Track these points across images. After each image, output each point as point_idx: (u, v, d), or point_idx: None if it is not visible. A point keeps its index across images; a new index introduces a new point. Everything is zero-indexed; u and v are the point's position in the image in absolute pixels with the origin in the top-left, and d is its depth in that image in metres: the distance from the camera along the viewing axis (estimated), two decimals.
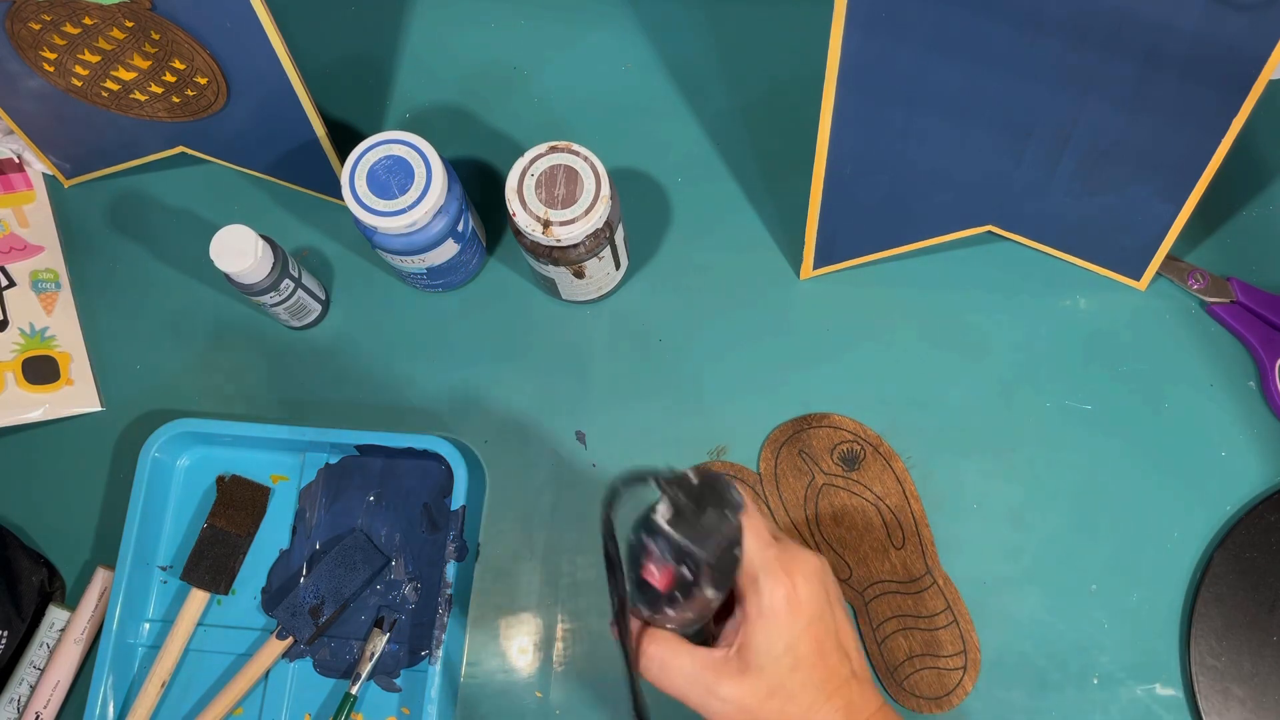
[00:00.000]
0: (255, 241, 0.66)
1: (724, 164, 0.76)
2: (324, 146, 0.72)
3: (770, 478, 0.69)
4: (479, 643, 0.68)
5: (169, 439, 0.70)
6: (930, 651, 0.65)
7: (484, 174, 0.77)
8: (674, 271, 0.74)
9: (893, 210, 0.68)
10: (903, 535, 0.67)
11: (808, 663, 0.46)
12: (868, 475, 0.68)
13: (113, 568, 0.68)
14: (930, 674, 0.65)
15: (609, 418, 0.71)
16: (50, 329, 0.76)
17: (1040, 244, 0.71)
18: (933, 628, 0.65)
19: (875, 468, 0.68)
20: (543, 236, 0.63)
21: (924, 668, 0.65)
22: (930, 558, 0.67)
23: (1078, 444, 0.69)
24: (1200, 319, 0.70)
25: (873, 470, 0.68)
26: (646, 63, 0.79)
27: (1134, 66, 0.56)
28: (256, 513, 0.70)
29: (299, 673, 0.68)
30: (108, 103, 0.71)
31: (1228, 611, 0.64)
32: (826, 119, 0.60)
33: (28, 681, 0.69)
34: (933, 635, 0.65)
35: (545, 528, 0.70)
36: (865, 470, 0.68)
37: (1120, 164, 0.62)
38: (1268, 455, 0.68)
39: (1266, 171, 0.73)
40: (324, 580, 0.68)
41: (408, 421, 0.72)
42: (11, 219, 0.78)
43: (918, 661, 0.65)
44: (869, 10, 0.54)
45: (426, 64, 0.80)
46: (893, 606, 0.66)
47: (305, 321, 0.74)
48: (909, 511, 0.67)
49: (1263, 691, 0.63)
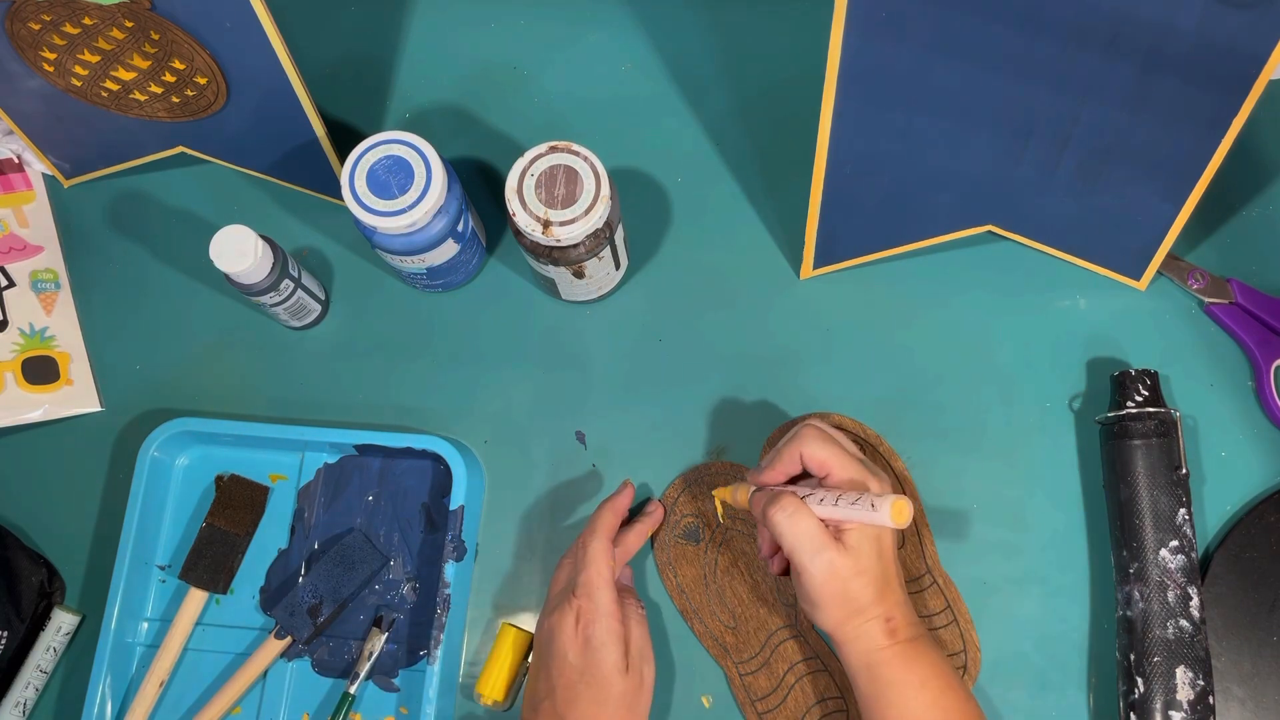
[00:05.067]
0: (255, 241, 0.66)
1: (724, 164, 0.76)
2: (324, 146, 0.72)
3: None
4: (477, 643, 0.68)
5: (168, 438, 0.70)
6: None
7: (484, 174, 0.77)
8: (674, 271, 0.74)
9: (893, 210, 0.68)
10: (902, 535, 0.67)
11: (881, 564, 0.56)
12: None
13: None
14: None
15: (609, 418, 0.71)
16: (50, 329, 0.76)
17: (1040, 244, 0.71)
18: (933, 627, 0.65)
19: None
20: (543, 236, 0.63)
21: None
22: (930, 558, 0.66)
23: (1078, 444, 0.68)
24: (1200, 319, 0.70)
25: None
26: (646, 63, 0.79)
27: (1134, 66, 0.56)
28: (255, 512, 0.70)
29: (297, 672, 0.68)
30: (108, 103, 0.71)
31: (1228, 611, 0.64)
32: (826, 119, 0.60)
33: (34, 685, 0.69)
34: (933, 635, 0.65)
35: (545, 528, 0.70)
36: None
37: (1120, 164, 0.62)
38: (1267, 455, 0.68)
39: (1266, 171, 0.73)
40: (322, 580, 0.68)
41: (407, 421, 0.72)
42: (11, 219, 0.78)
43: None
44: (869, 11, 0.54)
45: (426, 64, 0.80)
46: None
47: (305, 321, 0.74)
48: None
49: (1262, 691, 0.63)
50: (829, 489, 0.57)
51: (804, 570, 0.55)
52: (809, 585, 0.55)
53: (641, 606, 0.64)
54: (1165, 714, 0.60)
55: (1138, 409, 0.64)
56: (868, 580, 0.55)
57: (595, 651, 0.58)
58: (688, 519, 0.68)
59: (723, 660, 0.66)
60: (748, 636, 0.66)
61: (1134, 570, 0.63)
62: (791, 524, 0.55)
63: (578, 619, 0.59)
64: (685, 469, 0.70)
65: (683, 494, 0.69)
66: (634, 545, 0.66)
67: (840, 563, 0.55)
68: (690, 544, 0.68)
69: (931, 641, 0.57)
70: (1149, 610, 0.62)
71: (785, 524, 0.55)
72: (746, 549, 0.67)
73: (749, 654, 0.66)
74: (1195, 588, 0.62)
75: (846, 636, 0.56)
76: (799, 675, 0.65)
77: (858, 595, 0.55)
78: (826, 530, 0.55)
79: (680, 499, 0.69)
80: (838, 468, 0.57)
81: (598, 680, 0.58)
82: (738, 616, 0.66)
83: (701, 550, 0.68)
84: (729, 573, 0.67)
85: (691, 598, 0.67)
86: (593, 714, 0.58)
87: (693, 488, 0.69)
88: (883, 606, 0.56)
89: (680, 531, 0.68)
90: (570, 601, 0.59)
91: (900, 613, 0.56)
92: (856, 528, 0.55)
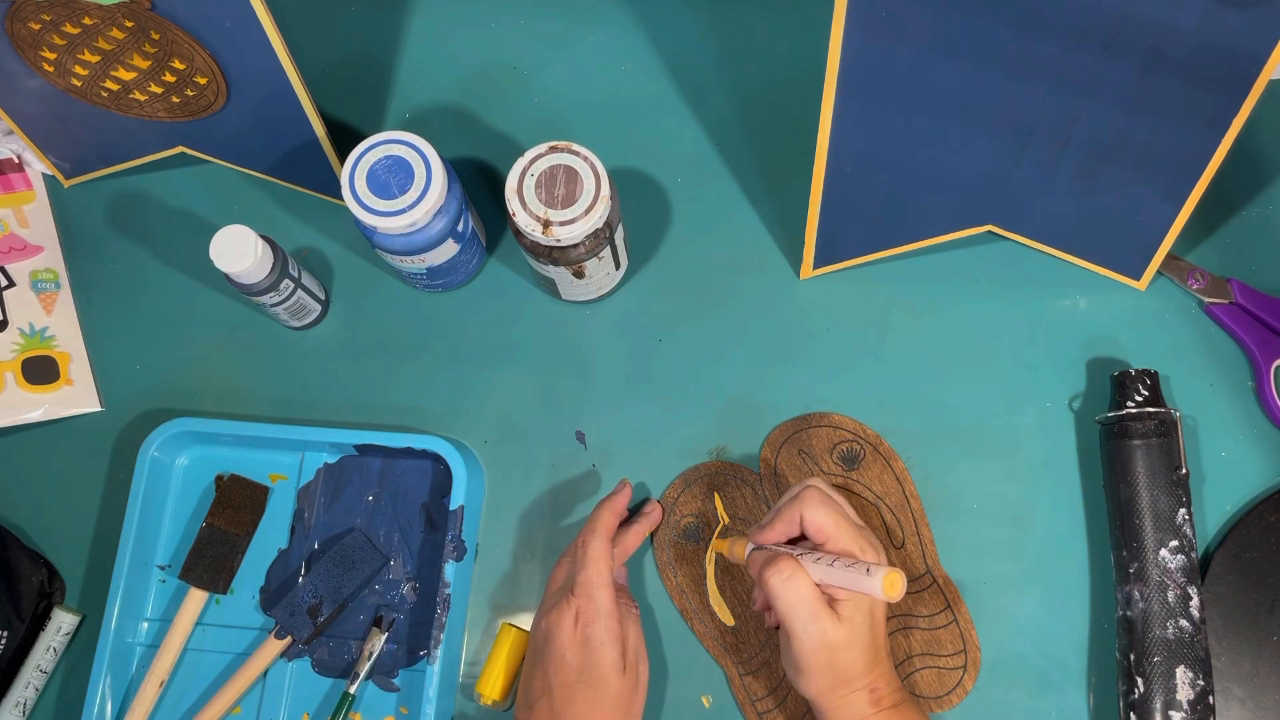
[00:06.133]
0: (255, 241, 0.66)
1: (724, 164, 0.76)
2: (324, 146, 0.72)
3: (770, 477, 0.69)
4: (477, 643, 0.68)
5: (168, 438, 0.70)
6: (930, 651, 0.65)
7: (484, 174, 0.77)
8: (674, 271, 0.74)
9: (893, 210, 0.68)
10: (903, 535, 0.67)
11: (872, 635, 0.56)
12: (868, 475, 0.68)
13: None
14: (930, 673, 0.65)
15: (609, 418, 0.71)
16: (50, 329, 0.76)
17: (1040, 244, 0.71)
18: (933, 627, 0.65)
19: (875, 467, 0.68)
20: (543, 236, 0.63)
21: (924, 667, 0.65)
22: (930, 557, 0.66)
23: (1077, 444, 0.68)
24: (1200, 319, 0.70)
25: (873, 470, 0.68)
26: (646, 63, 0.79)
27: (1134, 66, 0.56)
28: (255, 512, 0.70)
29: (297, 672, 0.68)
30: (108, 103, 0.71)
31: (1228, 611, 0.64)
32: (826, 119, 0.60)
33: (34, 685, 0.69)
34: (933, 635, 0.65)
35: (544, 528, 0.70)
36: (865, 470, 0.68)
37: (1120, 164, 0.62)
38: (1267, 455, 0.68)
39: (1266, 171, 0.73)
40: (322, 580, 0.68)
41: (407, 421, 0.72)
42: (11, 219, 0.78)
43: (918, 661, 0.65)
44: (869, 11, 0.54)
45: (426, 64, 0.80)
46: (893, 606, 0.66)
47: (305, 321, 0.74)
48: (909, 511, 0.67)
49: (1262, 691, 0.63)
50: (826, 553, 0.56)
51: (795, 636, 0.55)
52: (798, 652, 0.55)
53: (636, 606, 0.64)
54: (1165, 714, 0.60)
55: (1138, 409, 0.64)
56: (859, 653, 0.55)
57: (593, 651, 0.58)
58: (687, 519, 0.68)
59: (723, 660, 0.66)
60: (748, 637, 0.66)
61: (1134, 570, 0.63)
62: (786, 589, 0.55)
63: (576, 618, 0.59)
64: (685, 469, 0.70)
65: (682, 494, 0.69)
66: (632, 545, 0.66)
67: (833, 633, 0.54)
68: (690, 544, 0.68)
69: (914, 705, 0.57)
70: (1149, 610, 0.62)
71: (780, 588, 0.55)
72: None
73: (749, 654, 0.66)
74: (1195, 588, 0.62)
75: (830, 705, 0.56)
76: None
77: (847, 667, 0.55)
78: (822, 598, 0.55)
79: (680, 499, 0.69)
80: (836, 536, 0.57)
81: (595, 680, 0.58)
82: (738, 616, 0.66)
83: (701, 550, 0.68)
84: (729, 572, 0.67)
85: (691, 598, 0.67)
86: (589, 713, 0.58)
87: (692, 488, 0.69)
88: (869, 678, 0.56)
89: (680, 531, 0.68)
90: (569, 600, 0.59)
91: (885, 682, 0.56)
92: (851, 598, 0.55)
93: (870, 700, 0.55)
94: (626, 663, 0.59)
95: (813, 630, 0.54)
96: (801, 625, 0.55)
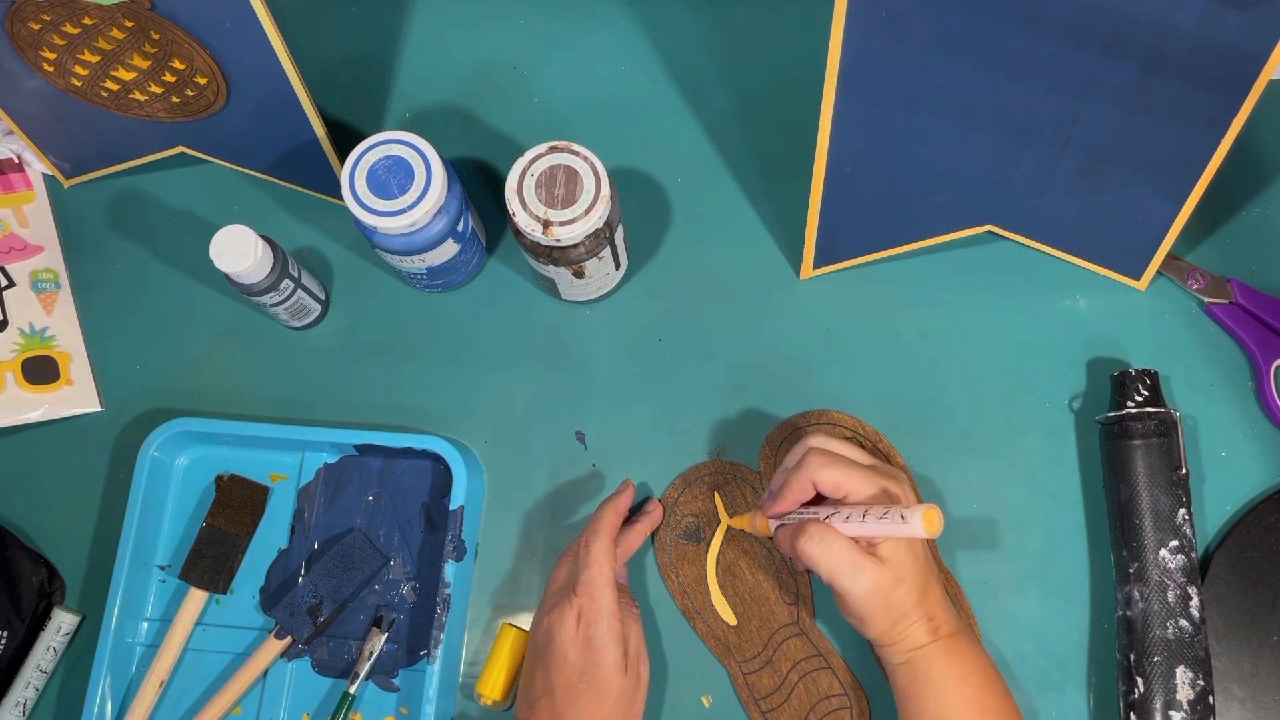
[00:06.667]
0: (255, 241, 0.66)
1: (724, 164, 0.76)
2: (324, 146, 0.72)
3: (770, 476, 0.68)
4: (477, 643, 0.68)
5: (168, 438, 0.70)
6: None
7: (484, 174, 0.78)
8: (674, 271, 0.74)
9: (893, 210, 0.68)
10: None
11: (917, 567, 0.57)
12: None
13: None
14: None
15: (609, 418, 0.71)
16: (50, 329, 0.76)
17: (1040, 244, 0.71)
18: None
19: None
20: (543, 236, 0.63)
21: None
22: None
23: (1077, 444, 0.68)
24: (1200, 319, 0.70)
25: None
26: (646, 63, 0.79)
27: (1134, 66, 0.56)
28: (255, 512, 0.70)
29: (297, 672, 0.68)
30: (107, 103, 0.71)
31: (1228, 611, 0.64)
32: (826, 119, 0.60)
33: (34, 685, 0.69)
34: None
35: (545, 528, 0.70)
36: None
37: (1120, 164, 0.62)
38: (1267, 455, 0.68)
39: (1266, 171, 0.73)
40: (322, 580, 0.68)
41: (407, 421, 0.72)
42: (11, 219, 0.78)
43: None
44: (869, 10, 0.54)
45: (426, 64, 0.80)
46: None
47: (305, 321, 0.74)
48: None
49: (1262, 691, 0.63)
50: (853, 506, 0.57)
51: (847, 593, 0.56)
52: (854, 605, 0.56)
53: (637, 606, 0.64)
54: (1165, 714, 0.60)
55: (1138, 409, 0.64)
56: (909, 587, 0.56)
57: (596, 651, 0.58)
58: (688, 519, 0.68)
59: (725, 659, 0.66)
60: (750, 635, 0.66)
61: (1134, 570, 0.63)
62: (825, 551, 0.55)
63: (579, 618, 0.59)
64: (685, 469, 0.70)
65: (683, 494, 0.69)
66: (634, 545, 0.66)
67: (880, 577, 0.55)
68: (691, 544, 0.68)
69: (971, 636, 0.58)
70: (1149, 610, 0.62)
71: (818, 551, 0.56)
72: (747, 548, 0.67)
73: (752, 653, 0.66)
74: (1195, 588, 0.62)
75: (891, 641, 0.57)
76: (803, 673, 0.65)
77: (900, 602, 0.56)
78: (858, 548, 0.56)
79: (680, 499, 0.69)
80: (854, 486, 0.57)
81: (597, 680, 0.58)
82: (740, 615, 0.66)
83: (702, 550, 0.68)
84: (730, 571, 0.67)
85: (693, 598, 0.67)
86: (591, 713, 0.58)
87: (693, 487, 0.69)
88: (924, 607, 0.56)
89: (681, 531, 0.68)
90: (571, 600, 0.59)
91: (941, 610, 0.57)
92: (889, 539, 0.56)
93: (929, 630, 0.56)
94: (628, 662, 0.59)
95: (863, 581, 0.55)
96: (850, 581, 0.55)
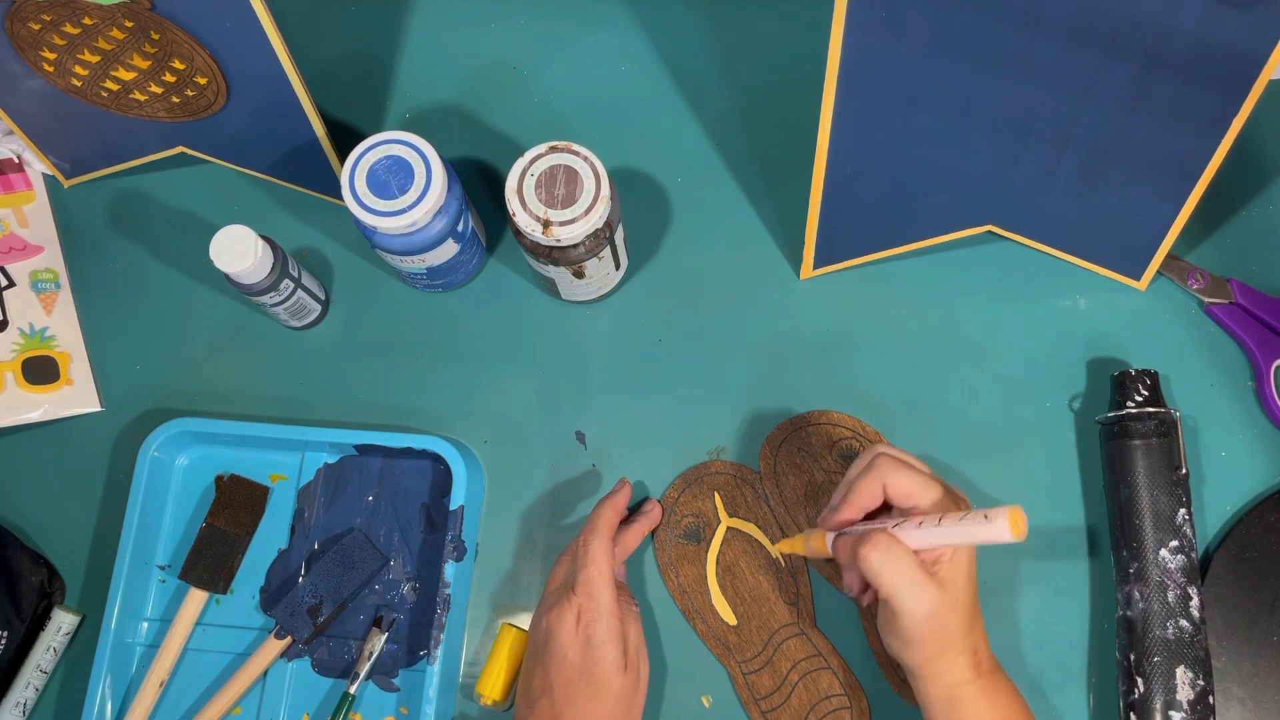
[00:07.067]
0: (255, 241, 0.66)
1: (724, 164, 0.76)
2: (324, 146, 0.72)
3: (770, 476, 0.69)
4: (477, 643, 0.68)
5: (168, 438, 0.70)
6: None
7: (484, 174, 0.78)
8: (674, 271, 0.74)
9: (893, 210, 0.68)
10: None
11: (970, 596, 0.55)
12: None
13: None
14: None
15: (609, 418, 0.71)
16: (50, 329, 0.76)
17: (1040, 244, 0.71)
18: None
19: None
20: (543, 236, 0.63)
21: None
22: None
23: (1077, 444, 0.68)
24: (1200, 319, 0.70)
25: None
26: (646, 63, 0.79)
27: (1134, 66, 0.56)
28: (255, 512, 0.70)
29: (297, 672, 0.68)
30: (107, 103, 0.71)
31: (1228, 611, 0.64)
32: (826, 119, 0.60)
33: (34, 685, 0.69)
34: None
35: (544, 527, 0.70)
36: None
37: (1120, 164, 0.62)
38: (1267, 455, 0.68)
39: (1266, 171, 0.73)
40: (322, 580, 0.68)
41: (407, 421, 0.72)
42: (11, 219, 0.78)
43: None
44: (869, 10, 0.54)
45: (426, 64, 0.80)
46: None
47: (305, 321, 0.74)
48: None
49: (1262, 691, 0.63)
50: (925, 514, 0.54)
51: (905, 612, 0.53)
52: (908, 626, 0.54)
53: (636, 605, 0.64)
54: (1165, 714, 0.60)
55: (1138, 409, 0.64)
56: (962, 615, 0.54)
57: (595, 650, 0.58)
58: (688, 519, 0.68)
59: (725, 659, 0.66)
60: (750, 635, 0.66)
61: (1134, 570, 0.63)
62: (890, 561, 0.53)
63: (578, 617, 0.59)
64: (685, 469, 0.70)
65: (683, 494, 0.69)
66: (632, 544, 0.66)
67: (940, 601, 0.53)
68: (691, 544, 0.68)
69: (1006, 675, 0.57)
70: (1149, 610, 0.62)
71: (882, 563, 0.53)
72: (747, 548, 0.67)
73: (752, 653, 0.66)
74: (1195, 588, 0.62)
75: (932, 673, 0.55)
76: (803, 673, 0.65)
77: (952, 631, 0.54)
78: (923, 565, 0.53)
79: (680, 499, 0.69)
80: (926, 496, 0.55)
81: (597, 679, 0.58)
82: (740, 615, 0.66)
83: (703, 550, 0.68)
84: (730, 571, 0.67)
85: (693, 598, 0.67)
86: (590, 712, 0.58)
87: (693, 487, 0.69)
88: (970, 640, 0.55)
89: (681, 531, 0.68)
90: (570, 599, 0.59)
91: (984, 644, 0.56)
92: (948, 561, 0.54)
93: (972, 665, 0.55)
94: (628, 661, 0.59)
95: (924, 600, 0.53)
96: (912, 599, 0.53)
